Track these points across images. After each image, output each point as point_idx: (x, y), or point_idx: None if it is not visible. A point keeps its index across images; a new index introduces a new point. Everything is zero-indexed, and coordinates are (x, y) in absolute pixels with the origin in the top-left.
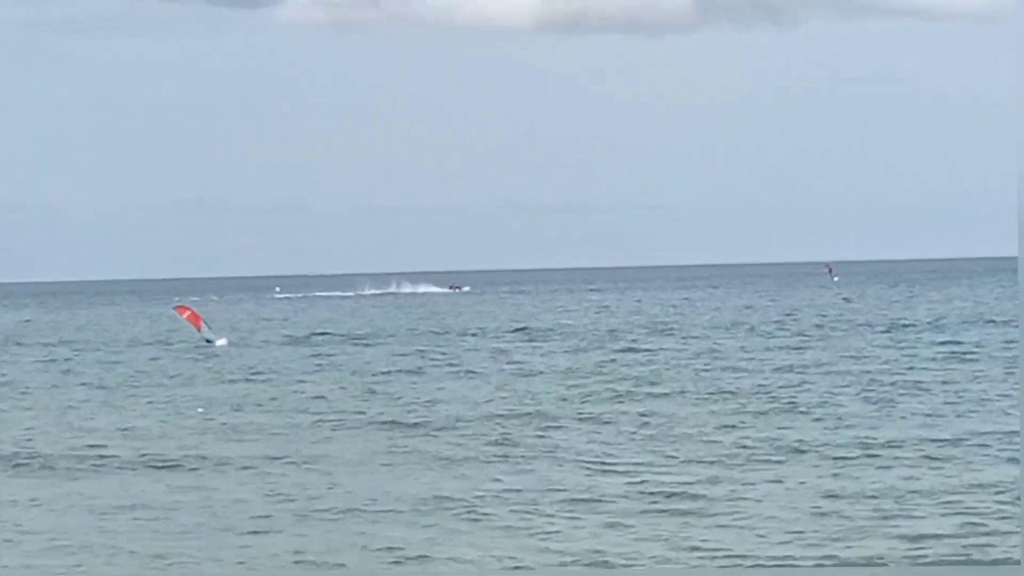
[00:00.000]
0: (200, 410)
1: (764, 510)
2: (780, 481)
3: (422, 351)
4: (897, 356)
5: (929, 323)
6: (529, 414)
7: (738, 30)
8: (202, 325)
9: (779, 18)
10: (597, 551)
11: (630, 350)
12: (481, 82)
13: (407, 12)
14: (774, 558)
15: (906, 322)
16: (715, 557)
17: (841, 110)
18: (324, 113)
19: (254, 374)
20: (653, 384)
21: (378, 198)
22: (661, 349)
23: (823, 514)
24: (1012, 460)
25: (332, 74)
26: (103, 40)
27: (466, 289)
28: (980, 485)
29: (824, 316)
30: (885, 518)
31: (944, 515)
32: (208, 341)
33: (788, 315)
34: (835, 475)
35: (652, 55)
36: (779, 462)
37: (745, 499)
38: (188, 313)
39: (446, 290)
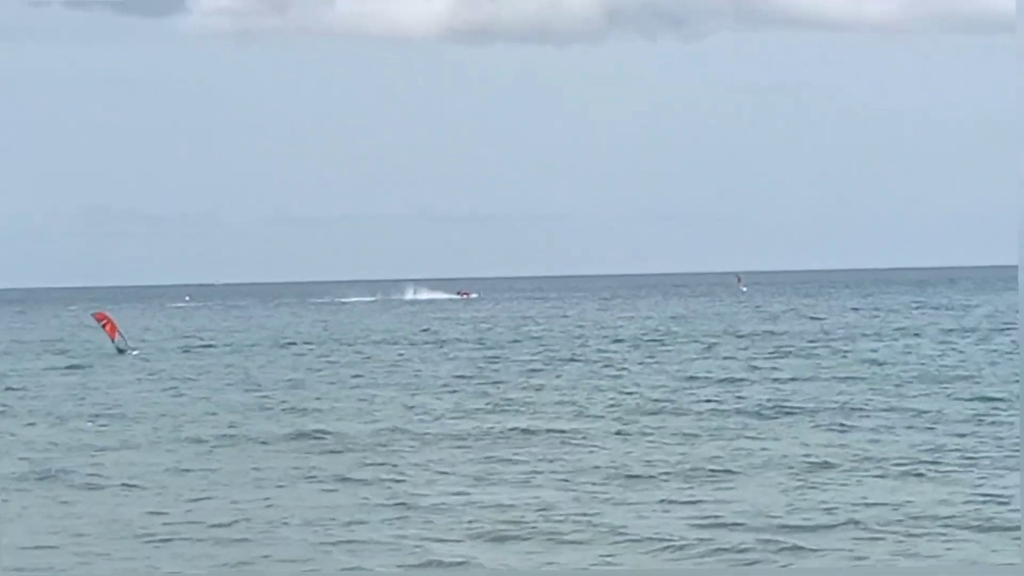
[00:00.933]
0: (89, 423)
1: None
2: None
3: (318, 360)
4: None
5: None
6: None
7: (644, 40)
8: (116, 334)
9: (685, 28)
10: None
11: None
12: (390, 91)
13: (314, 21)
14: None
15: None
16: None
17: (748, 120)
18: (231, 123)
19: (157, 383)
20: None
21: (287, 207)
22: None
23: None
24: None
25: (238, 83)
26: (5, 47)
27: (474, 295)
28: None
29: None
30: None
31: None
32: (120, 351)
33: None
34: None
35: (559, 65)
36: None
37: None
38: (106, 320)
39: (373, 298)
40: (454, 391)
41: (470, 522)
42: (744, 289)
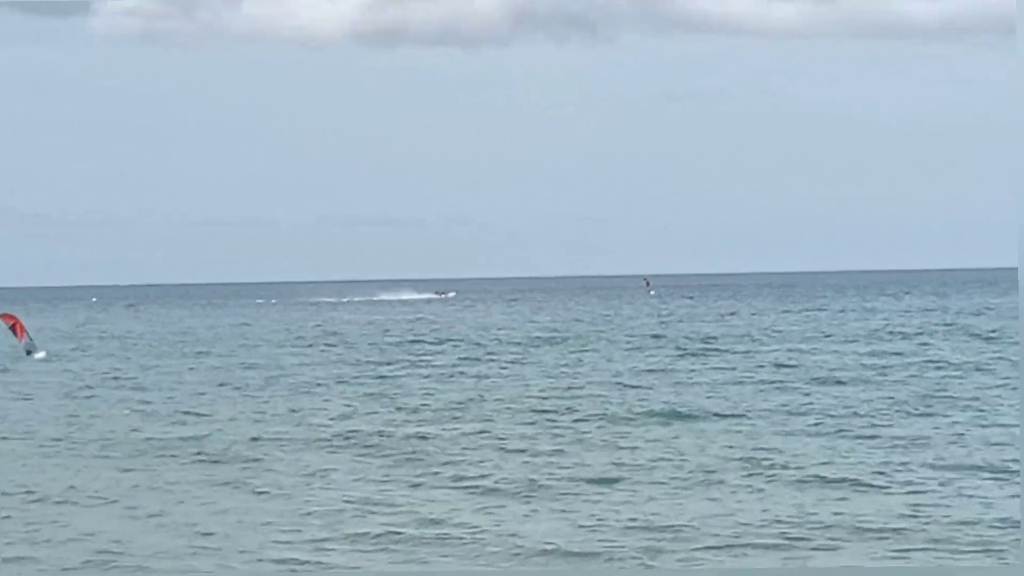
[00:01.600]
0: None
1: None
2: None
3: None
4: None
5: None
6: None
7: (552, 43)
8: (24, 335)
9: (593, 32)
10: None
11: (418, 364)
12: (297, 94)
13: (221, 24)
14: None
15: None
16: None
17: (656, 123)
18: (137, 125)
19: (53, 388)
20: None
21: (191, 211)
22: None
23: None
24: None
25: (145, 85)
26: None
27: (451, 295)
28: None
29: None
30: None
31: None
32: (28, 352)
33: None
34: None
35: (467, 68)
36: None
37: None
38: (14, 322)
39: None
40: (342, 393)
41: (341, 524)
42: (652, 293)
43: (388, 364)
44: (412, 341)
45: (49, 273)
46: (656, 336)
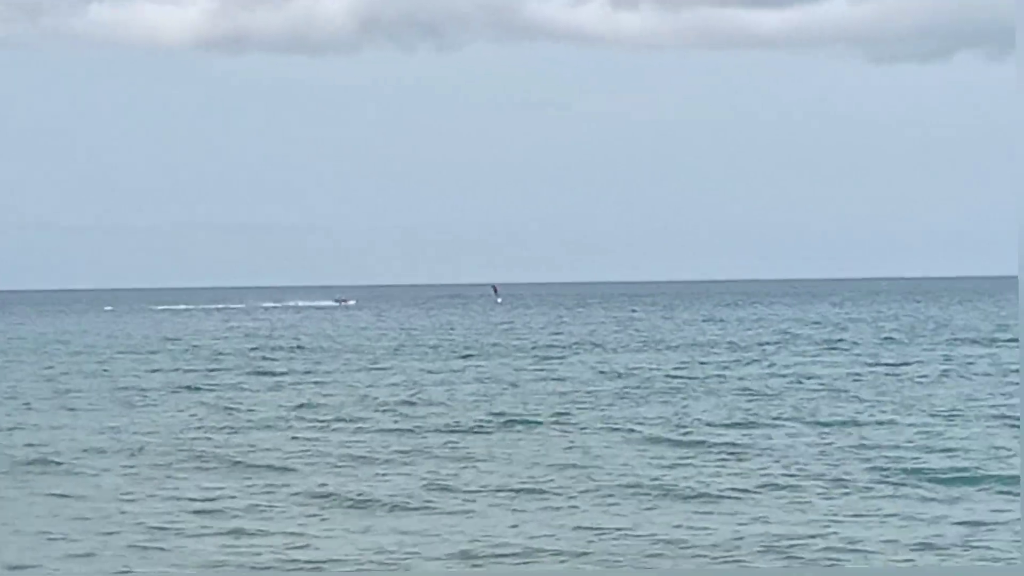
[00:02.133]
0: None
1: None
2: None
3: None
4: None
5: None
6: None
7: (400, 51)
8: None
9: (441, 39)
10: None
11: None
12: (144, 100)
13: (68, 28)
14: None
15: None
16: None
17: (504, 130)
18: None
19: None
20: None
21: (48, 215)
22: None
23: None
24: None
25: None
26: None
27: (351, 302)
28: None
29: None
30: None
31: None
32: None
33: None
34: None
35: (314, 74)
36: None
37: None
38: None
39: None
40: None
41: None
42: (499, 300)
43: (228, 371)
44: (252, 349)
45: None
46: (496, 344)
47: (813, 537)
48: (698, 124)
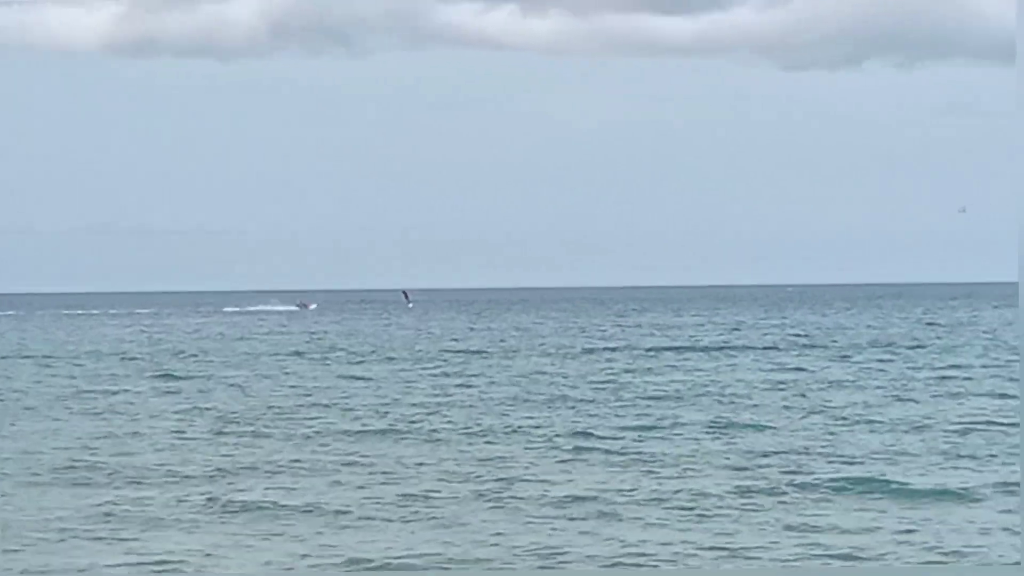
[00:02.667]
0: None
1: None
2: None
3: None
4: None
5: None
6: None
7: (309, 56)
8: None
9: (351, 45)
10: None
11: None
12: (52, 104)
13: None
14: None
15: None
16: None
17: (415, 136)
18: None
19: None
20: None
21: None
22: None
23: None
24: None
25: None
26: None
27: (312, 307)
28: None
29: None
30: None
31: None
32: None
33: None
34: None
35: (223, 79)
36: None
37: None
38: None
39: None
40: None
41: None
42: (411, 305)
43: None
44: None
45: None
46: (392, 352)
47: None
48: (607, 130)
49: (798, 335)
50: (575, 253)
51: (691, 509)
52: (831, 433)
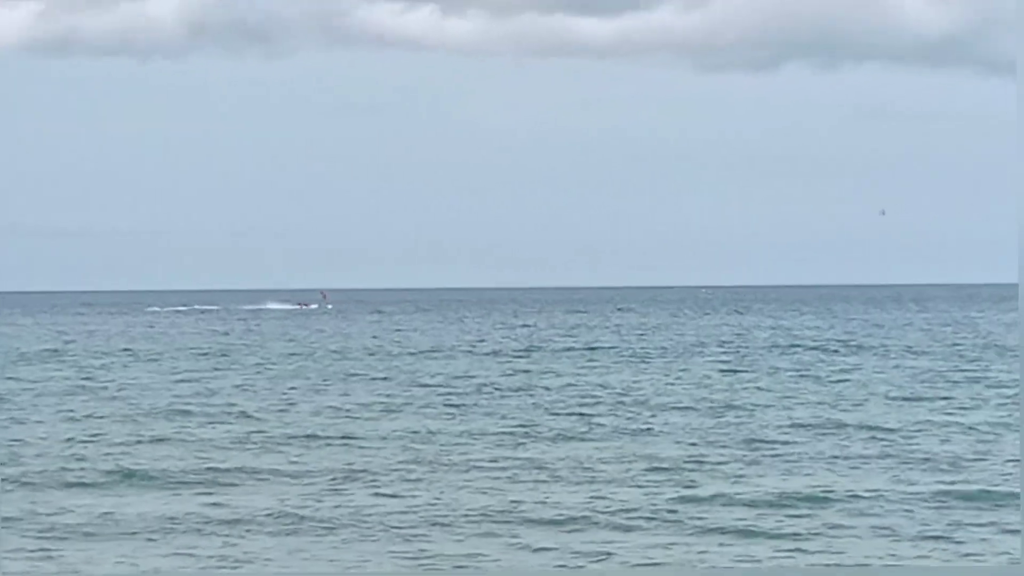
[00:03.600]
0: None
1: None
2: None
3: None
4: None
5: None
6: None
7: (229, 56)
8: None
9: (270, 45)
10: None
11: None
12: None
13: None
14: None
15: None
16: None
17: (333, 137)
18: None
19: None
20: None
21: None
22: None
23: None
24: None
25: None
26: None
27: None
28: None
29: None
30: None
31: None
32: None
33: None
34: None
35: (142, 79)
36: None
37: None
38: None
39: None
40: None
41: None
42: (329, 306)
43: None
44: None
45: None
46: (310, 351)
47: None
48: (526, 131)
49: (696, 341)
50: (487, 254)
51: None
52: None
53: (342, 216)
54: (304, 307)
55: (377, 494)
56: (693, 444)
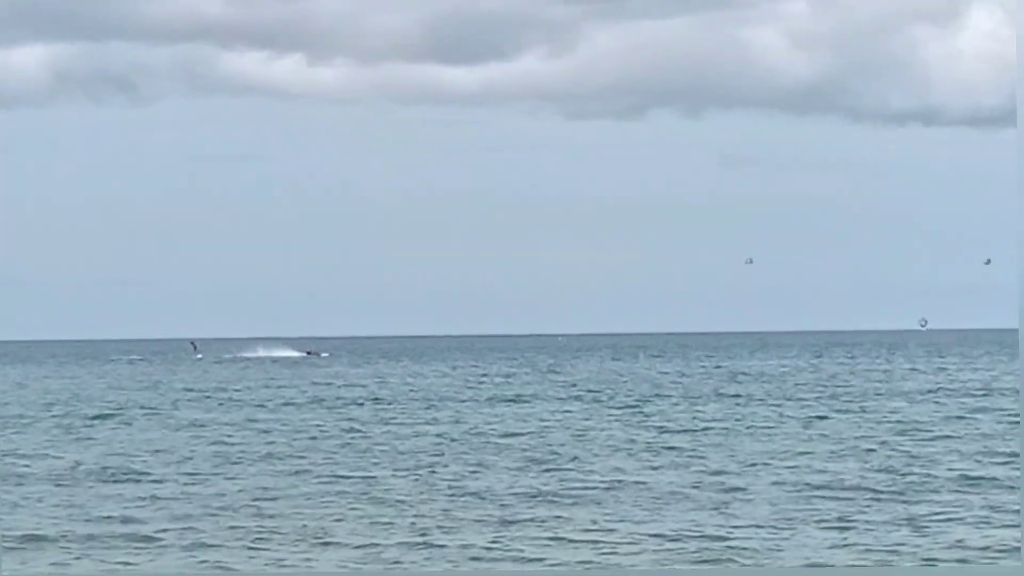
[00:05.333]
0: None
1: None
2: None
3: None
4: None
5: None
6: None
7: (92, 104)
8: None
9: (134, 93)
10: None
11: None
12: None
13: None
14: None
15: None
16: None
17: (198, 186)
18: None
19: None
20: None
21: None
22: None
23: None
24: None
25: None
26: None
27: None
28: None
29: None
30: None
31: None
32: None
33: None
34: None
35: (6, 127)
36: None
37: None
38: None
39: None
40: None
41: None
42: (199, 356)
43: None
44: None
45: None
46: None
47: None
48: (391, 179)
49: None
50: (350, 302)
51: None
52: None
53: (206, 263)
54: (312, 355)
55: None
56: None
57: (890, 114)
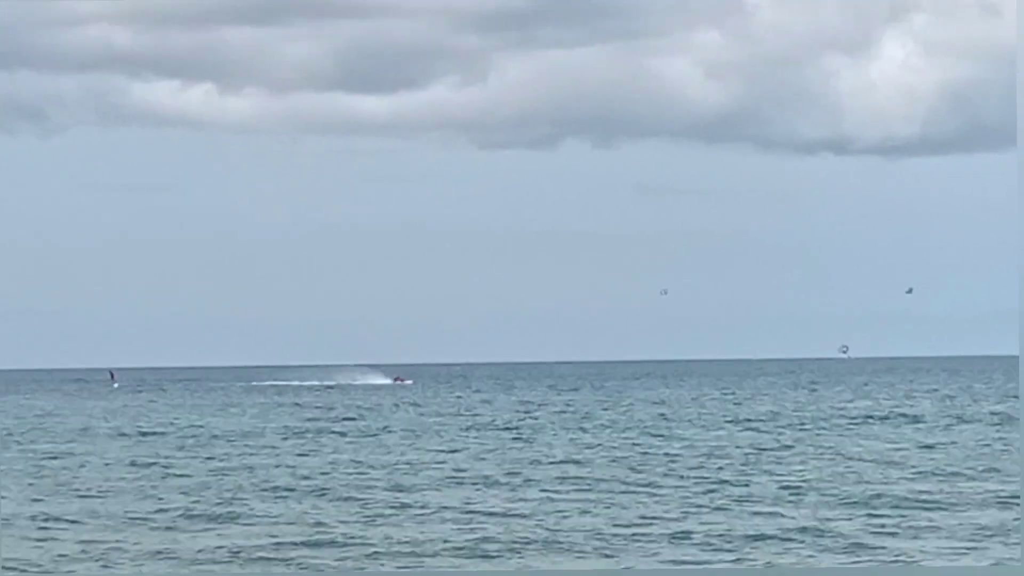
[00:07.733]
0: None
1: None
2: None
3: None
4: None
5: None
6: None
7: (3, 134)
8: None
9: (43, 123)
10: None
11: None
12: None
13: None
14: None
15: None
16: None
17: (108, 217)
18: None
19: None
20: None
21: None
22: None
23: None
24: None
25: None
26: None
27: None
28: None
29: None
30: None
31: None
32: None
33: None
34: None
35: None
36: None
37: None
38: None
39: None
40: None
41: None
42: (116, 385)
43: None
44: None
45: None
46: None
47: None
48: (300, 210)
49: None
50: (260, 332)
51: None
52: None
53: (116, 294)
54: (400, 382)
55: None
56: None
57: (801, 143)
